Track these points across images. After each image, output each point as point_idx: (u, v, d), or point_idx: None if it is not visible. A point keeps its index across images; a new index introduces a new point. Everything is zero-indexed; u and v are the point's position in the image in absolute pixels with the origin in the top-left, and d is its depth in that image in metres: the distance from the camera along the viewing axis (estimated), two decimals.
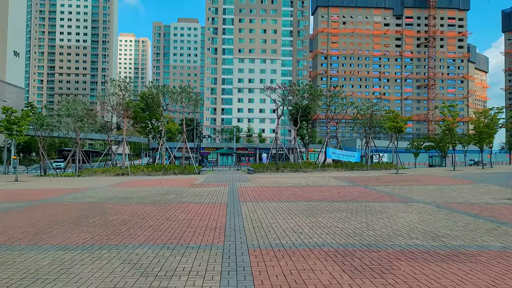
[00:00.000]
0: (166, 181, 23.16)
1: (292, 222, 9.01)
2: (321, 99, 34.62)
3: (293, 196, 14.69)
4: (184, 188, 18.55)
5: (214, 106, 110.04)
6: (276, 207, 11.61)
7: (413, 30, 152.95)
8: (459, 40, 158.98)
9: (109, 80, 33.88)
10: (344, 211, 10.81)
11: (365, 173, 30.49)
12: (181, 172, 31.04)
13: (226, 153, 72.70)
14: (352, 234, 7.68)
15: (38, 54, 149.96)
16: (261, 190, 17.31)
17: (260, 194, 15.58)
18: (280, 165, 32.25)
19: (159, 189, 17.71)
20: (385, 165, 36.81)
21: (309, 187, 18.47)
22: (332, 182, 21.61)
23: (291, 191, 16.68)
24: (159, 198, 13.96)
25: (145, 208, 11.29)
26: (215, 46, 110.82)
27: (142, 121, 44.11)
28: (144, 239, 7.14)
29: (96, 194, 15.84)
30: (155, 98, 34.40)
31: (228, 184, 20.67)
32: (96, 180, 25.46)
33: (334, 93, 33.10)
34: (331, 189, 17.65)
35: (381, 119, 36.36)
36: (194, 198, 14.18)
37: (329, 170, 32.55)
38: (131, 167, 31.57)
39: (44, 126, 33.48)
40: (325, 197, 14.19)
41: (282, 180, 23.34)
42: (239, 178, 26.15)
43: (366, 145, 38.65)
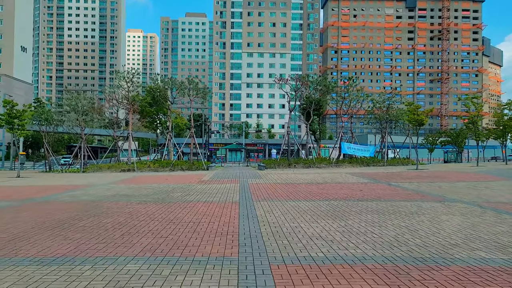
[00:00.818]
0: (172, 178, 21.89)
1: (317, 226, 7.58)
2: (335, 91, 33.00)
3: (311, 194, 13.26)
4: (191, 185, 17.23)
5: (223, 102, 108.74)
6: (295, 207, 10.20)
7: (426, 23, 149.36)
8: (474, 32, 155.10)
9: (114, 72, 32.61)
10: (374, 212, 9.35)
11: (382, 169, 28.89)
12: (189, 168, 29.78)
13: (235, 148, 71.42)
14: (395, 242, 6.23)
15: (47, 50, 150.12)
16: (274, 187, 15.91)
17: (275, 191, 14.18)
18: (292, 161, 30.78)
19: (165, 186, 16.42)
20: (402, 161, 35.11)
21: (327, 184, 17.02)
22: (350, 178, 20.12)
23: (308, 188, 15.25)
24: (164, 196, 12.65)
25: (147, 208, 9.96)
26: (224, 40, 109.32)
27: (149, 116, 42.94)
28: (140, 249, 5.79)
29: (96, 191, 14.59)
30: (162, 91, 33.12)
31: (239, 181, 19.31)
32: (100, 177, 24.30)
33: (350, 84, 31.46)
34: (351, 186, 16.17)
35: (398, 112, 34.61)
36: (202, 196, 12.84)
37: (343, 166, 31.00)
38: (137, 163, 30.42)
39: (49, 121, 32.51)
40: (347, 196, 12.73)
41: (295, 176, 21.91)
42: (250, 174, 24.79)
43: (381, 140, 36.99)
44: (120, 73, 30.67)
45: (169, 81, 31.56)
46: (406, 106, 30.98)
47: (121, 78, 30.42)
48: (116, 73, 31.79)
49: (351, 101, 32.03)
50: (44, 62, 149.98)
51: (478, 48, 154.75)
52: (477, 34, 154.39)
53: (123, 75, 30.28)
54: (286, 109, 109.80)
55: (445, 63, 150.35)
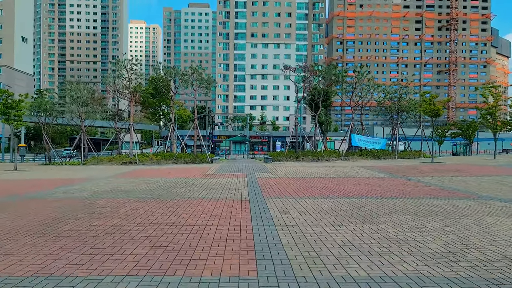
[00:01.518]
0: (175, 171, 20.75)
1: (346, 231, 6.38)
2: (345, 81, 31.58)
3: (327, 190, 12.05)
4: (195, 179, 16.07)
5: (226, 93, 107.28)
6: (313, 206, 9.00)
7: (434, 12, 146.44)
8: (483, 22, 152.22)
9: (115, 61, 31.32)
10: (406, 212, 8.13)
11: (395, 162, 27.61)
12: (193, 161, 28.64)
13: (240, 141, 70.21)
14: (450, 255, 5.03)
15: (49, 41, 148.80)
16: (285, 182, 14.71)
17: (286, 187, 12.99)
18: (300, 154, 29.56)
19: (167, 181, 15.27)
20: (413, 153, 33.80)
21: (341, 179, 15.80)
22: (364, 172, 18.89)
23: (322, 183, 14.04)
24: (166, 192, 11.49)
25: (146, 207, 8.80)
26: (227, 31, 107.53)
27: (151, 107, 41.76)
28: (133, 264, 4.62)
29: (93, 186, 13.46)
30: (164, 81, 31.86)
31: (246, 175, 18.13)
32: (101, 170, 23.22)
33: (361, 73, 30.03)
34: (368, 181, 14.95)
35: (410, 103, 33.19)
36: (207, 192, 11.67)
37: (354, 159, 29.74)
38: (139, 155, 29.33)
39: (48, 112, 31.41)
40: (368, 192, 11.52)
41: (305, 170, 20.70)
42: (257, 167, 23.61)
43: (392, 132, 35.65)
44: (120, 61, 29.45)
45: (171, 70, 30.30)
46: (421, 95, 29.56)
47: (121, 67, 29.21)
48: (116, 62, 30.57)
49: (362, 91, 30.63)
50: (46, 53, 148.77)
51: (486, 38, 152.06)
52: (486, 24, 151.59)
53: (123, 63, 29.06)
54: (290, 101, 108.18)
55: (453, 54, 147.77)
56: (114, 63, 30.15)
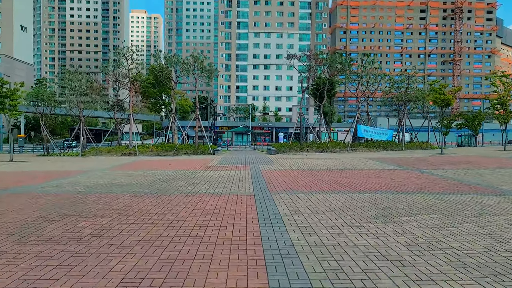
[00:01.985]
0: (176, 163, 19.97)
1: (367, 234, 5.58)
2: (351, 69, 30.57)
3: (337, 184, 11.25)
4: (197, 171, 15.30)
5: (228, 84, 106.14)
6: (325, 202, 8.21)
7: (439, 1, 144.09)
8: (488, 12, 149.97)
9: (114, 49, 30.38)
10: (429, 210, 7.32)
11: (402, 153, 26.75)
12: (194, 152, 27.85)
13: (242, 132, 69.42)
14: (497, 266, 4.22)
15: (49, 31, 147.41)
16: (291, 175, 13.91)
17: (293, 180, 12.19)
18: (305, 145, 28.72)
19: (167, 173, 14.50)
20: (420, 145, 32.92)
21: (350, 171, 15.00)
22: (372, 164, 18.06)
23: (330, 176, 13.24)
24: (165, 186, 10.71)
25: (142, 204, 8.02)
26: (229, 20, 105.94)
27: (152, 97, 40.89)
28: (117, 281, 3.82)
29: (88, 179, 12.70)
30: (165, 70, 30.92)
31: (249, 167, 17.34)
32: (99, 161, 22.48)
33: (367, 61, 29.02)
34: (379, 174, 14.14)
35: (418, 93, 32.19)
36: (209, 186, 10.88)
37: (360, 150, 28.89)
38: (139, 146, 28.56)
39: (46, 101, 30.62)
40: (381, 186, 10.71)
41: (311, 162, 19.89)
42: (260, 159, 22.81)
43: (398, 123, 34.72)
44: (120, 49, 28.50)
45: (172, 58, 29.33)
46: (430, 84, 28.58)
47: (120, 55, 28.27)
48: (115, 50, 29.62)
49: (368, 80, 29.64)
50: (46, 43, 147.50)
51: (491, 28, 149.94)
52: (491, 13, 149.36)
53: (122, 52, 28.11)
54: (293, 91, 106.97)
55: (457, 44, 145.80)
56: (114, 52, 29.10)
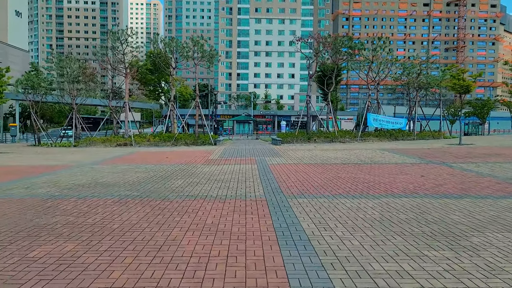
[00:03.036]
0: (174, 155, 18.26)
1: (440, 272, 3.85)
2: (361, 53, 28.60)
3: (360, 183, 9.54)
4: (196, 166, 13.59)
5: (229, 71, 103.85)
6: (356, 210, 6.50)
7: None
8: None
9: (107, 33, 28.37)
10: (499, 226, 5.60)
11: (416, 143, 25.00)
12: (194, 142, 26.11)
13: (243, 120, 67.60)
14: None
15: (46, 17, 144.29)
16: (304, 170, 12.18)
17: (308, 178, 10.47)
18: (312, 134, 26.96)
19: (163, 168, 12.80)
20: (432, 134, 31.16)
21: (369, 166, 13.29)
22: (390, 157, 16.32)
23: (349, 172, 11.53)
24: (158, 187, 9.01)
25: (125, 215, 6.31)
26: (230, 6, 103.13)
27: (150, 84, 38.98)
28: None
29: (70, 176, 11.00)
30: (163, 55, 28.98)
31: (255, 160, 15.63)
32: (91, 153, 20.79)
33: (379, 45, 27.07)
34: (403, 169, 12.42)
35: (430, 79, 30.26)
36: (211, 186, 9.18)
37: (370, 140, 27.15)
38: (135, 136, 26.84)
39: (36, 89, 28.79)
40: (415, 186, 9.00)
41: (322, 154, 18.16)
42: (266, 150, 21.07)
43: (409, 111, 32.95)
44: (114, 32, 26.54)
45: (170, 42, 27.38)
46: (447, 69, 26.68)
47: (115, 39, 26.33)
48: (109, 33, 27.67)
49: (380, 66, 27.70)
50: (43, 29, 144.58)
51: (496, 15, 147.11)
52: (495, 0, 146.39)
53: (117, 35, 26.16)
54: (296, 78, 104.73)
55: (461, 31, 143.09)
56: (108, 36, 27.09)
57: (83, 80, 28.24)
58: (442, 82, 28.97)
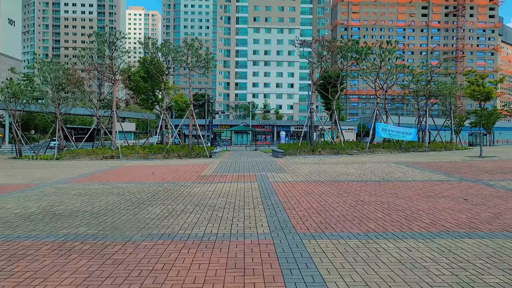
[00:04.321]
0: (162, 170, 15.97)
1: None
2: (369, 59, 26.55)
3: (390, 210, 7.30)
4: (185, 184, 11.33)
5: (227, 81, 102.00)
6: (413, 266, 4.26)
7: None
8: (490, 8, 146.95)
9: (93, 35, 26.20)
10: None
11: (430, 156, 22.83)
12: (187, 154, 23.81)
13: (241, 130, 65.39)
14: None
15: (43, 26, 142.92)
16: (316, 191, 9.92)
17: (323, 203, 8.21)
18: (317, 146, 24.76)
19: (144, 188, 10.54)
20: (445, 145, 29.02)
21: (390, 184, 11.07)
22: (410, 172, 14.10)
23: (370, 193, 9.29)
24: (126, 220, 6.73)
25: (54, 278, 4.05)
26: (228, 15, 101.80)
27: (143, 92, 36.85)
28: None
29: (21, 201, 8.71)
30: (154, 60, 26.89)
31: (255, 176, 13.37)
32: (70, 167, 18.50)
33: (388, 50, 25.07)
34: (435, 188, 10.20)
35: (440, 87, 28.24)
36: (197, 217, 6.91)
37: (379, 152, 24.97)
38: (124, 148, 24.56)
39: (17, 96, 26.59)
40: (470, 218, 6.76)
41: (331, 168, 15.92)
42: (266, 163, 18.81)
43: (418, 120, 30.88)
44: (100, 34, 24.44)
45: (162, 46, 25.29)
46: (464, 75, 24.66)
47: (100, 41, 24.26)
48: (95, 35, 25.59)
49: (389, 72, 25.63)
50: (40, 39, 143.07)
51: (494, 25, 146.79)
52: (493, 10, 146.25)
53: (104, 37, 24.07)
54: (295, 88, 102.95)
55: (460, 41, 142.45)
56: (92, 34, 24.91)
57: (68, 88, 26.07)
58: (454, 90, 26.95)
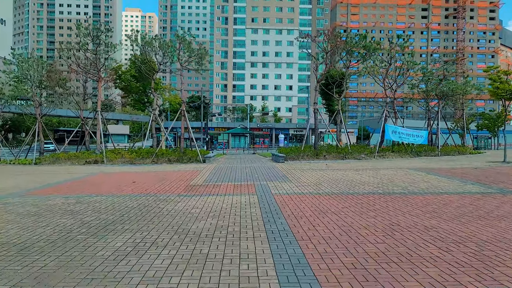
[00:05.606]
0: (146, 178, 13.74)
1: None
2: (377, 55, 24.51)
3: (443, 240, 5.15)
4: (169, 198, 9.13)
5: (225, 82, 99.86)
6: None
7: (441, 0, 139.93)
8: (491, 11, 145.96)
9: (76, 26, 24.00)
10: None
11: (446, 161, 20.72)
12: (179, 159, 21.59)
13: (239, 133, 63.21)
14: None
15: (37, 28, 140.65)
16: (332, 208, 7.75)
17: (346, 228, 6.04)
18: (321, 149, 22.62)
19: (116, 203, 8.34)
20: (458, 149, 26.94)
21: (421, 198, 8.92)
22: (436, 181, 11.95)
23: (402, 212, 7.13)
24: (64, 264, 4.55)
25: None
26: (226, 15, 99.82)
27: (135, 92, 34.64)
28: None
29: None
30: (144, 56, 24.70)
31: (254, 187, 11.19)
32: (43, 173, 16.28)
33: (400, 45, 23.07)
34: (477, 203, 8.05)
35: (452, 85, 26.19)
36: (171, 255, 4.72)
37: (389, 157, 22.86)
38: (108, 152, 22.37)
39: None
40: None
41: (341, 176, 13.77)
42: (267, 170, 16.61)
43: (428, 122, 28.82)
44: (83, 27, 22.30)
45: (152, 41, 23.15)
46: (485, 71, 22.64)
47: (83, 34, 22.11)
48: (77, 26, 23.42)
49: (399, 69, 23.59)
50: (34, 40, 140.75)
51: (495, 27, 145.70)
52: (494, 12, 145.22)
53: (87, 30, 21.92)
54: (293, 90, 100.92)
55: (460, 43, 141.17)
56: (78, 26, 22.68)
57: (49, 85, 23.87)
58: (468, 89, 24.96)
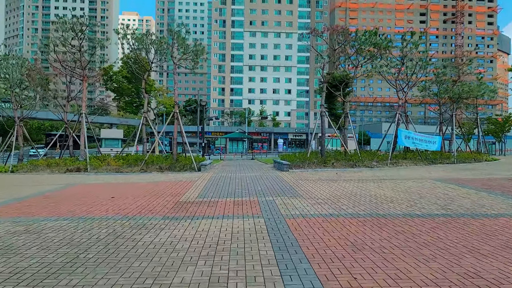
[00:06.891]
0: (130, 192, 11.56)
1: None
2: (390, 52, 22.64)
3: None
4: (150, 222, 6.96)
5: (222, 86, 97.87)
6: None
7: (439, 5, 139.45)
8: (489, 16, 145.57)
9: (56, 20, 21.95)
10: None
11: (467, 170, 18.69)
12: (171, 167, 19.42)
13: (237, 138, 61.17)
14: None
15: (32, 30, 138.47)
16: (368, 242, 5.63)
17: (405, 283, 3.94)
18: (329, 156, 20.55)
19: (78, 231, 6.19)
20: (474, 155, 24.98)
21: (473, 221, 6.82)
22: (478, 197, 9.85)
23: (468, 246, 5.02)
24: None
25: None
26: (224, 18, 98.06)
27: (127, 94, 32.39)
28: None
29: None
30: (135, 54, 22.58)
31: (258, 204, 9.03)
32: (17, 183, 14.11)
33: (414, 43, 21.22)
34: None
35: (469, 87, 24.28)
36: None
37: (402, 164, 20.81)
38: (92, 159, 20.20)
39: None
40: None
41: (358, 189, 11.65)
42: (271, 181, 14.45)
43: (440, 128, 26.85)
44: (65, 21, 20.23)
45: (143, 37, 21.11)
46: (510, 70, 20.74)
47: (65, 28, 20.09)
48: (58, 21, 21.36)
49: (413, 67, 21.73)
50: (28, 43, 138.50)
51: (493, 32, 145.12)
52: (492, 17, 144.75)
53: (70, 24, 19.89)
54: (292, 94, 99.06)
55: (458, 48, 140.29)
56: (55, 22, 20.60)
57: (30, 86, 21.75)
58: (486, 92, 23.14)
